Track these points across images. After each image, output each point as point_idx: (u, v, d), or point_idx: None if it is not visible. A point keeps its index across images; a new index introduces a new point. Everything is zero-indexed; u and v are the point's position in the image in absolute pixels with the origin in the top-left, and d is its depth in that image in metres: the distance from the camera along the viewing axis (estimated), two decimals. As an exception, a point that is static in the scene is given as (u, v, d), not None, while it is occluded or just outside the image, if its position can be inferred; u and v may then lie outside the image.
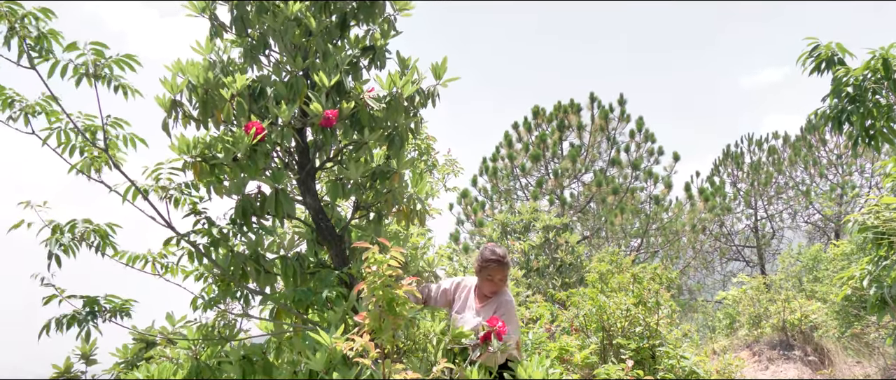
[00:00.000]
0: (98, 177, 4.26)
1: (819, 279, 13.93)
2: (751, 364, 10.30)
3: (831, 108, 5.63)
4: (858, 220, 5.06)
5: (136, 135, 4.38)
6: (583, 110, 19.36)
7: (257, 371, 4.06)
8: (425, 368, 3.72)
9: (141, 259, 4.44)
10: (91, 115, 4.27)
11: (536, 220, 13.96)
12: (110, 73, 4.10)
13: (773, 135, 24.28)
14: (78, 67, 4.00)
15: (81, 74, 4.01)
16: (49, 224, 4.10)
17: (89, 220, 4.20)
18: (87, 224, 4.17)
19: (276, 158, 4.58)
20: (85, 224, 4.16)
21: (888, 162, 5.40)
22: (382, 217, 4.78)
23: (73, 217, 4.18)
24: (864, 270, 5.04)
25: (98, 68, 4.03)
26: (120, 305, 4.33)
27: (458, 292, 4.70)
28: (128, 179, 4.14)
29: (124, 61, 4.14)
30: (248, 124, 4.07)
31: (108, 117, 4.23)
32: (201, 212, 4.39)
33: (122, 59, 4.13)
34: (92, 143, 4.24)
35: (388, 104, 4.36)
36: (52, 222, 4.11)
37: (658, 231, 19.08)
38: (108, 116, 4.23)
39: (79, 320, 4.15)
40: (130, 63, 4.17)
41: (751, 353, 10.71)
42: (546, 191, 19.01)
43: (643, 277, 8.54)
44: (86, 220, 4.19)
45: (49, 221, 4.11)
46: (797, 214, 24.01)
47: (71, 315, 4.16)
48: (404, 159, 4.55)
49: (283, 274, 4.47)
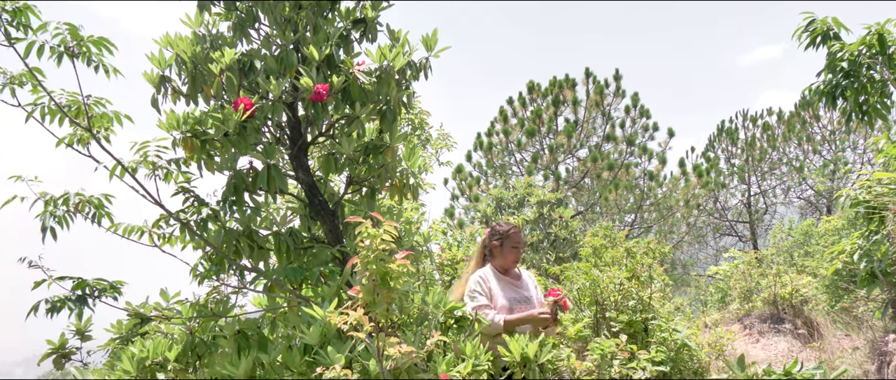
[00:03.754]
0: (87, 152, 4.22)
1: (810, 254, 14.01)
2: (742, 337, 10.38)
3: (826, 83, 5.63)
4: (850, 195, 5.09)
5: (119, 112, 4.34)
6: (578, 86, 19.31)
7: (252, 346, 4.08)
8: (420, 341, 3.73)
9: (137, 231, 4.41)
10: (74, 92, 4.23)
11: (531, 195, 13.97)
12: (88, 52, 4.07)
13: (767, 111, 24.28)
14: (54, 48, 3.97)
15: (60, 53, 3.98)
16: (42, 197, 4.08)
17: (81, 193, 4.18)
18: (81, 196, 4.16)
19: (268, 134, 4.56)
20: (78, 196, 4.14)
21: (881, 138, 5.41)
22: (376, 192, 4.77)
23: (66, 189, 4.16)
24: (854, 244, 5.07)
25: (76, 46, 3.99)
26: (109, 285, 4.33)
27: (486, 287, 4.53)
28: (112, 156, 4.11)
29: (101, 43, 4.10)
30: (237, 100, 4.04)
31: (88, 97, 4.20)
32: (190, 190, 4.37)
33: (100, 41, 4.10)
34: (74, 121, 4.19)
35: (379, 78, 4.34)
36: (45, 195, 4.09)
37: (652, 207, 19.13)
38: (88, 96, 4.19)
39: (69, 303, 4.15)
40: (108, 46, 4.14)
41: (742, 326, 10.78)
42: (541, 166, 19.01)
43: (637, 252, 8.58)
44: (78, 193, 4.17)
45: (41, 193, 4.08)
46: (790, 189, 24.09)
47: (61, 298, 4.16)
48: (397, 133, 4.53)
49: (277, 250, 4.47)
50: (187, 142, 4.06)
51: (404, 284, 3.58)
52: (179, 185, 4.37)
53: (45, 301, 4.11)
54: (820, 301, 10.25)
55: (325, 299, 3.90)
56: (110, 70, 4.21)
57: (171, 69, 4.29)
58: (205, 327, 4.24)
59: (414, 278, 5.20)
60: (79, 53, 4.05)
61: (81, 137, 4.20)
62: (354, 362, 3.66)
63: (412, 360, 3.46)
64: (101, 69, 4.18)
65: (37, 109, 4.12)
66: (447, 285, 6.24)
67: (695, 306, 14.42)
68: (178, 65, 4.27)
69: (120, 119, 4.37)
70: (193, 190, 4.41)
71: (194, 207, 4.32)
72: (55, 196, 4.09)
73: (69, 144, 4.19)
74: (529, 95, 19.68)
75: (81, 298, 4.21)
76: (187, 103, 4.38)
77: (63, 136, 4.19)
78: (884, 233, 4.66)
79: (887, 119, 5.51)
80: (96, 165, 4.14)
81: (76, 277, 4.23)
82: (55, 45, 4.00)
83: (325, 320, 3.53)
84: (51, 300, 4.13)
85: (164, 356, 3.92)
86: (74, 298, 4.18)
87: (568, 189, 18.60)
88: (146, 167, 4.17)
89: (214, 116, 4.05)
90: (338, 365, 3.34)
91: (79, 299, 4.19)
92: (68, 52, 4.01)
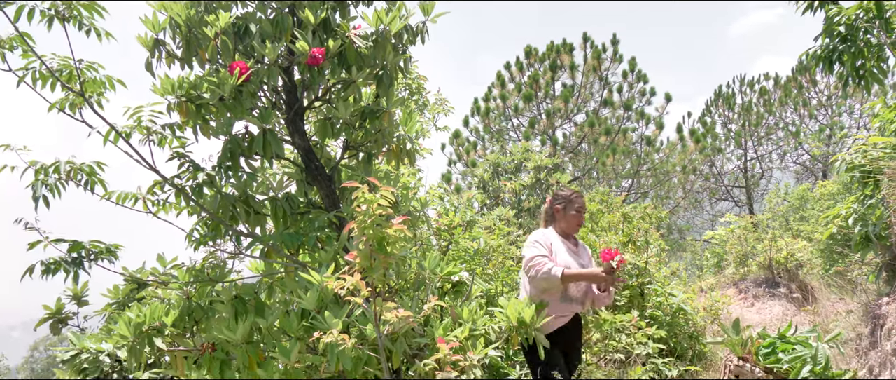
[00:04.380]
0: (80, 116, 4.19)
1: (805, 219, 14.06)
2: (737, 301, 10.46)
3: (823, 48, 5.60)
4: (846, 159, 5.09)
5: (112, 77, 4.30)
6: (575, 50, 19.20)
7: (249, 311, 4.09)
8: (417, 306, 3.75)
9: (131, 198, 4.39)
10: (66, 57, 4.18)
11: (528, 160, 13.96)
12: (79, 16, 4.02)
13: (764, 76, 24.18)
14: (44, 11, 3.93)
15: (50, 17, 3.93)
16: (32, 165, 4.04)
17: (72, 160, 4.16)
18: (72, 163, 4.13)
19: (263, 98, 4.52)
20: (69, 164, 4.12)
21: (877, 102, 5.40)
22: (372, 157, 4.76)
23: (57, 157, 4.13)
24: (849, 208, 5.08)
25: (67, 10, 3.95)
26: (105, 248, 4.33)
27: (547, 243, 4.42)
28: (106, 121, 4.07)
29: (92, 6, 4.06)
30: (232, 64, 4.00)
31: (80, 61, 4.15)
32: (185, 155, 4.35)
33: (90, 5, 4.05)
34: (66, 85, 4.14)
35: (376, 42, 4.30)
36: (36, 163, 4.06)
37: (649, 172, 19.14)
38: (80, 60, 4.15)
39: (65, 265, 4.14)
40: (99, 10, 4.09)
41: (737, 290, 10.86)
42: (538, 131, 18.97)
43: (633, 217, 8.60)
44: (69, 160, 4.15)
45: (32, 162, 4.05)
46: (786, 154, 24.10)
47: (56, 260, 4.15)
48: (394, 98, 4.51)
49: (273, 215, 4.47)
50: (182, 106, 4.03)
51: (401, 249, 3.59)
52: (174, 150, 4.35)
53: (40, 263, 4.11)
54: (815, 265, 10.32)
55: (322, 265, 3.90)
56: (102, 34, 4.16)
57: (166, 33, 4.24)
58: (202, 293, 4.25)
59: (411, 244, 5.21)
60: (69, 17, 4.00)
61: (73, 102, 4.17)
62: (351, 327, 3.68)
63: (409, 324, 3.48)
64: (93, 33, 4.13)
65: (28, 74, 4.08)
66: (444, 250, 6.26)
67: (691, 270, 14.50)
68: (173, 28, 4.22)
69: (113, 84, 4.33)
70: (188, 155, 4.39)
71: (190, 172, 4.31)
72: (46, 164, 4.06)
73: (61, 109, 4.16)
74: (527, 60, 19.56)
75: (77, 260, 4.21)
76: (182, 67, 4.34)
77: (55, 101, 4.16)
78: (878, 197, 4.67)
79: (884, 83, 5.49)
80: (90, 131, 4.11)
81: (72, 240, 4.22)
82: (45, 9, 3.95)
83: (323, 285, 3.54)
84: (46, 262, 4.12)
85: (162, 321, 3.93)
86: (70, 260, 4.18)
87: (565, 154, 18.59)
88: (140, 132, 4.15)
89: (210, 80, 4.02)
90: (335, 330, 3.36)
91: (74, 261, 4.19)
92: (58, 15, 3.97)
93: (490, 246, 6.98)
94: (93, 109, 4.15)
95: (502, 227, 8.05)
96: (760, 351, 3.86)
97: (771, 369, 3.74)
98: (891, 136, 4.82)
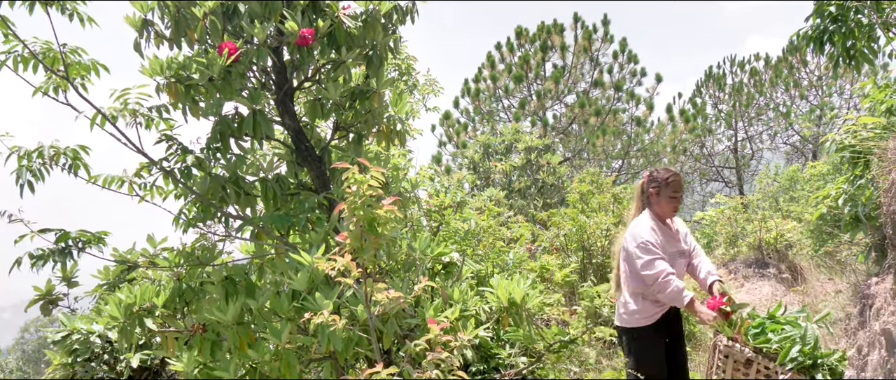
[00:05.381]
0: (65, 100, 4.12)
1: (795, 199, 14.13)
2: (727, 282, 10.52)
3: (813, 28, 5.60)
4: (836, 140, 5.10)
5: (96, 61, 4.24)
6: (566, 31, 19.18)
7: (240, 292, 4.08)
8: (407, 287, 3.75)
9: (117, 181, 4.35)
10: (49, 41, 4.11)
11: (518, 141, 13.96)
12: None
13: (755, 56, 24.21)
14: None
15: (32, 0, 3.87)
16: (15, 150, 4.00)
17: (56, 144, 4.11)
18: (55, 147, 4.09)
19: (253, 79, 4.49)
20: (53, 148, 4.08)
21: (867, 83, 5.41)
22: (362, 138, 4.74)
23: (40, 141, 4.08)
24: (839, 189, 5.10)
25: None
26: (93, 236, 4.29)
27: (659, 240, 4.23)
28: (91, 104, 4.02)
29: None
30: (221, 44, 3.97)
31: (64, 45, 4.09)
32: (173, 138, 4.31)
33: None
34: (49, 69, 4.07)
35: (365, 22, 4.26)
36: (18, 149, 4.01)
37: (639, 152, 19.19)
38: (64, 44, 4.09)
39: (53, 256, 4.11)
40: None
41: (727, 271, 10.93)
42: (528, 112, 18.97)
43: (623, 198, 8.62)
44: (53, 144, 4.10)
45: (13, 148, 3.99)
46: (776, 135, 24.20)
47: (44, 251, 4.12)
48: (384, 79, 4.48)
49: (263, 196, 4.45)
50: (171, 87, 3.99)
51: (391, 230, 3.58)
52: (162, 132, 4.31)
53: (28, 255, 4.07)
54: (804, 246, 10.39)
55: (312, 246, 3.90)
56: (85, 19, 4.10)
57: (154, 13, 4.19)
58: (192, 274, 4.24)
59: (401, 225, 5.21)
60: (52, 1, 3.93)
61: (58, 85, 4.11)
62: (342, 308, 3.68)
63: (400, 305, 3.48)
64: (76, 18, 4.07)
65: (10, 58, 4.01)
66: (434, 231, 6.26)
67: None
68: (161, 8, 4.17)
69: (97, 68, 4.26)
70: (176, 138, 4.35)
71: (178, 154, 4.27)
72: (29, 149, 4.02)
73: (45, 92, 4.10)
74: (517, 40, 19.51)
75: (65, 250, 4.17)
76: (170, 48, 4.29)
77: (39, 84, 4.10)
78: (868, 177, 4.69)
79: (874, 64, 5.49)
80: (76, 114, 4.06)
81: (58, 230, 4.18)
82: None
83: (313, 266, 3.54)
84: (33, 254, 4.09)
85: (152, 302, 3.92)
86: (57, 250, 4.15)
87: (555, 135, 18.59)
88: (127, 114, 4.10)
89: (198, 60, 3.98)
90: (326, 311, 3.36)
91: (62, 251, 4.16)
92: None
93: (480, 227, 6.99)
94: (77, 91, 4.09)
95: (493, 208, 8.06)
96: (750, 331, 3.88)
97: (760, 350, 3.77)
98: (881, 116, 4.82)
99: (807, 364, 3.62)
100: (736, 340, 3.88)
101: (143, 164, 4.27)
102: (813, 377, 3.59)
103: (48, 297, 4.22)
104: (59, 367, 4.91)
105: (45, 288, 4.21)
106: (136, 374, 5.16)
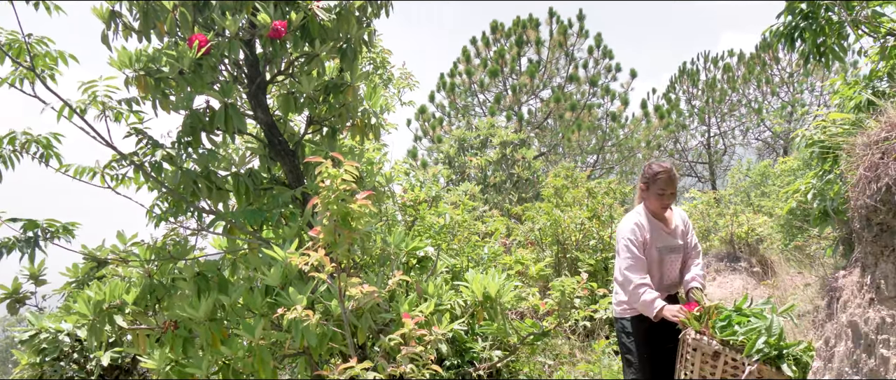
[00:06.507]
0: (32, 91, 4.05)
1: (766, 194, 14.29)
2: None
3: (785, 25, 5.65)
4: (806, 135, 5.15)
5: (64, 52, 4.16)
6: (542, 26, 19.19)
7: (212, 288, 4.04)
8: (382, 281, 3.74)
9: (89, 172, 4.28)
10: (14, 31, 4.03)
11: (494, 136, 13.98)
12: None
13: (728, 52, 24.44)
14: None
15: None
16: None
17: (28, 131, 4.05)
18: (28, 134, 4.02)
19: (225, 72, 4.44)
20: (25, 135, 4.01)
21: (837, 79, 5.47)
22: (336, 132, 4.71)
23: (12, 128, 4.02)
24: (809, 184, 5.16)
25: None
26: (62, 227, 4.23)
27: (641, 237, 4.17)
28: (59, 97, 3.95)
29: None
30: (191, 37, 3.91)
31: (29, 36, 4.01)
32: (143, 131, 4.25)
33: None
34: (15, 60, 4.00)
35: (339, 14, 4.23)
36: None
37: (614, 147, 19.30)
38: (29, 35, 4.01)
39: (19, 245, 4.04)
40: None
41: (699, 265, 11.01)
42: (504, 107, 18.99)
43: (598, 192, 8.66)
44: (25, 131, 4.04)
45: None
46: (748, 131, 24.46)
47: (11, 239, 4.05)
48: (358, 72, 4.46)
49: (236, 191, 4.41)
50: (140, 80, 3.93)
51: (366, 224, 3.57)
52: (131, 126, 4.25)
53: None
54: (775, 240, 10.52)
55: (285, 241, 3.87)
56: (51, 8, 4.03)
57: (122, 4, 4.13)
58: (163, 270, 4.20)
59: (376, 219, 5.19)
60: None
61: (24, 76, 4.03)
62: (316, 303, 3.66)
63: (374, 300, 3.47)
64: (43, 6, 4.00)
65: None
66: (409, 225, 6.25)
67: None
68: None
69: (65, 59, 4.19)
70: (146, 131, 4.30)
71: (148, 148, 4.22)
72: (1, 135, 3.95)
73: (12, 84, 4.03)
74: (493, 35, 19.51)
75: (32, 239, 4.10)
76: (139, 40, 4.23)
77: (5, 76, 4.02)
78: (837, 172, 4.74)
79: (844, 61, 5.56)
80: (43, 107, 4.00)
81: (26, 219, 4.11)
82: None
83: (287, 261, 3.51)
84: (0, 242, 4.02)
85: (122, 299, 3.87)
86: (24, 239, 4.08)
87: (531, 130, 18.64)
88: (95, 107, 4.03)
89: (169, 53, 3.93)
90: (299, 306, 3.34)
91: (29, 240, 4.09)
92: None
93: (455, 221, 6.98)
94: (45, 84, 4.02)
95: (468, 202, 8.06)
96: (717, 324, 3.91)
97: (727, 342, 3.80)
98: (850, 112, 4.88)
99: (772, 355, 3.66)
100: (704, 333, 3.92)
101: (115, 156, 4.21)
102: (778, 368, 3.64)
103: (15, 295, 4.15)
104: (28, 367, 4.83)
105: (11, 286, 4.14)
106: (106, 372, 5.10)
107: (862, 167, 3.31)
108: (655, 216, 4.29)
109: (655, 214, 4.29)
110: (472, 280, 3.92)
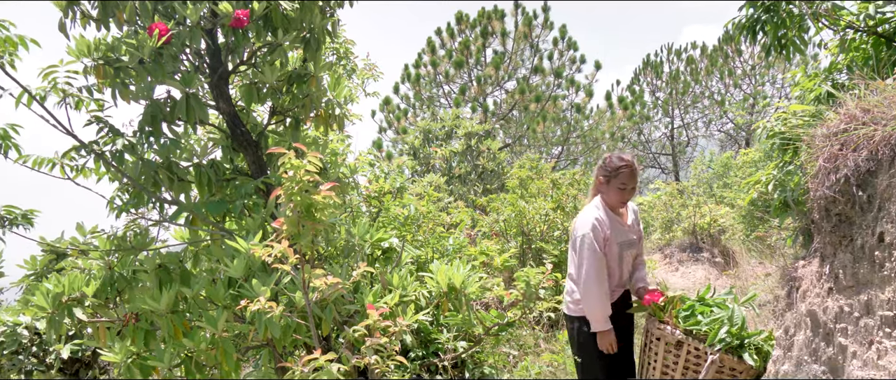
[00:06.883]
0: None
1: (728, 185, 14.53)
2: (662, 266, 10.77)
3: (747, 17, 5.72)
4: (767, 127, 5.23)
5: (24, 36, 4.06)
6: (507, 17, 19.23)
7: (174, 280, 3.99)
8: (346, 273, 3.72)
9: (48, 163, 4.19)
10: (-30, 16, 3.92)
11: (459, 127, 13.98)
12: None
13: (691, 45, 24.75)
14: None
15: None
16: None
17: (-18, 123, 3.95)
18: (-19, 127, 3.93)
19: (186, 62, 4.37)
20: (-21, 126, 3.92)
21: (797, 72, 5.56)
22: (300, 122, 4.67)
23: (-33, 120, 3.91)
24: (769, 175, 5.24)
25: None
26: (21, 215, 4.14)
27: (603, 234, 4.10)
28: (18, 83, 3.86)
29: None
30: (151, 25, 3.84)
31: (-14, 18, 3.91)
32: (103, 120, 4.17)
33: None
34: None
35: (302, 4, 4.19)
36: None
37: (578, 139, 19.45)
38: (-15, 17, 3.90)
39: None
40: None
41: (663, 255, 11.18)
42: (469, 98, 19.01)
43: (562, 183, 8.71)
44: (-21, 123, 3.94)
45: None
46: (711, 122, 24.82)
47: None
48: (322, 63, 4.42)
49: (198, 182, 4.35)
50: (99, 69, 3.84)
51: (330, 215, 3.54)
52: (92, 113, 4.16)
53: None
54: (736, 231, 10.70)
55: (249, 232, 3.83)
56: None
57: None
58: (124, 262, 4.13)
59: (340, 210, 5.16)
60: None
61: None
62: (280, 295, 3.63)
63: (338, 291, 3.45)
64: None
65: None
66: (374, 216, 6.22)
67: (617, 235, 14.82)
68: (87, -14, 4.02)
69: (25, 43, 4.09)
70: (107, 120, 4.21)
71: (109, 137, 4.14)
72: None
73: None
74: (458, 25, 19.50)
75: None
76: (98, 29, 4.14)
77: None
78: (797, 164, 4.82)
79: (805, 53, 5.65)
80: (1, 93, 3.90)
81: None
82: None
83: (250, 252, 3.47)
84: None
85: (82, 292, 3.80)
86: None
87: (496, 121, 18.68)
88: (56, 94, 3.94)
89: (128, 42, 3.85)
90: (263, 298, 3.31)
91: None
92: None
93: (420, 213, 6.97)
94: (4, 70, 3.93)
95: (433, 193, 8.05)
96: (680, 314, 3.97)
97: (690, 331, 3.86)
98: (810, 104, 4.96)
99: (734, 344, 3.73)
100: (667, 323, 3.97)
101: (75, 146, 4.13)
102: (740, 357, 3.70)
103: (-30, 287, 4.06)
104: (-16, 359, 4.74)
105: (-34, 278, 4.05)
106: (66, 366, 5.02)
107: (821, 159, 3.37)
108: (613, 210, 4.24)
109: (613, 208, 4.23)
110: (437, 271, 3.92)
